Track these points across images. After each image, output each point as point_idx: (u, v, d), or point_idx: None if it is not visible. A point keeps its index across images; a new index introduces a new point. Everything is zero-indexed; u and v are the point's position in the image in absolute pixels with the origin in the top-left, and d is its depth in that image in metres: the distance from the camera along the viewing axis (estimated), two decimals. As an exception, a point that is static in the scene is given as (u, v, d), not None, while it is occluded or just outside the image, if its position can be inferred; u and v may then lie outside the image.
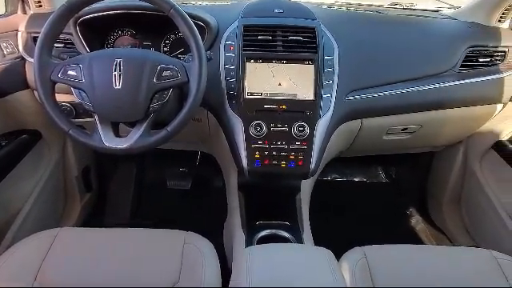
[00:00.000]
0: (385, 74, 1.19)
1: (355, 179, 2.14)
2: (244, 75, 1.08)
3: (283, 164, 1.07)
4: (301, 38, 1.12)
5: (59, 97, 0.99)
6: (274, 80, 1.09)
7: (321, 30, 1.15)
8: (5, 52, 1.20)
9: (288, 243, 1.13)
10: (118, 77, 0.91)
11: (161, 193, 1.96)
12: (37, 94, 1.08)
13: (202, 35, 1.09)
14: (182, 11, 0.94)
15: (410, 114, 1.26)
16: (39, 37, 0.93)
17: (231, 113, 1.09)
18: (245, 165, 1.08)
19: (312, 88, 1.08)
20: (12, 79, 1.22)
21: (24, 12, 1.32)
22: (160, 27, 1.19)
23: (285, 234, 1.17)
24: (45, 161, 1.48)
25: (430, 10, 1.52)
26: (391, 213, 1.92)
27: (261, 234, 1.17)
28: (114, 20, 1.18)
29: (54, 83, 0.94)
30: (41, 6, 1.27)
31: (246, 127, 1.07)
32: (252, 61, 1.09)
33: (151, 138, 0.95)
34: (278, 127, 1.07)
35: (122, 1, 1.15)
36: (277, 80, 1.09)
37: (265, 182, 1.24)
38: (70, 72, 0.93)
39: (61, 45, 1.19)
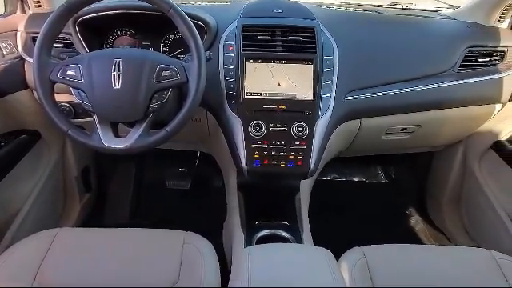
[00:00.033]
0: (384, 74, 1.20)
1: (354, 179, 2.14)
2: (243, 75, 1.08)
3: (282, 164, 1.07)
4: (300, 38, 1.12)
5: (58, 97, 0.99)
6: (274, 80, 1.09)
7: (320, 30, 1.15)
8: (4, 52, 1.20)
9: (287, 243, 1.13)
10: (118, 77, 0.91)
11: (160, 193, 1.95)
12: (36, 94, 1.08)
13: (202, 35, 1.09)
14: (182, 11, 0.94)
15: (409, 114, 1.26)
16: (38, 37, 0.93)
17: (230, 113, 1.09)
18: (244, 165, 1.08)
19: (311, 88, 1.08)
20: (11, 79, 1.22)
21: (23, 12, 1.32)
22: (159, 27, 1.19)
23: (284, 234, 1.17)
24: (44, 161, 1.48)
25: (429, 10, 1.52)
26: (390, 213, 1.91)
27: (260, 234, 1.17)
28: (113, 20, 1.18)
29: (53, 83, 0.94)
30: (40, 6, 1.27)
31: (246, 127, 1.07)
32: (251, 61, 1.09)
33: (150, 138, 0.95)
34: (278, 127, 1.07)
35: (121, 1, 1.15)
36: (276, 80, 1.09)
37: (264, 182, 1.24)
38: (70, 72, 0.93)
39: (60, 45, 1.19)
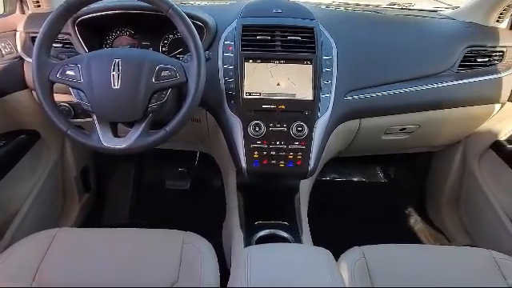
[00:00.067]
0: (383, 74, 1.20)
1: (354, 179, 2.14)
2: (243, 75, 1.08)
3: (282, 164, 1.07)
4: (299, 38, 1.12)
5: (57, 97, 0.98)
6: (273, 80, 1.09)
7: (319, 30, 1.15)
8: (3, 52, 1.19)
9: (287, 243, 1.13)
10: (117, 77, 0.91)
11: (159, 193, 1.95)
12: (35, 94, 1.08)
13: (201, 35, 1.09)
14: (181, 11, 0.94)
15: (409, 114, 1.26)
16: (37, 37, 0.93)
17: (230, 113, 1.09)
18: (243, 165, 1.08)
19: (310, 88, 1.08)
20: (10, 79, 1.22)
21: (22, 12, 1.31)
22: (159, 27, 1.19)
23: (283, 234, 1.17)
24: (43, 161, 1.48)
25: (428, 10, 1.52)
26: (390, 213, 1.92)
27: (259, 234, 1.17)
28: (113, 20, 1.18)
29: (53, 83, 0.94)
30: (39, 6, 1.27)
31: (245, 127, 1.07)
32: (251, 61, 1.09)
33: (150, 138, 0.95)
34: (277, 127, 1.07)
35: (121, 1, 1.15)
36: (275, 80, 1.09)
37: (263, 182, 1.24)
38: (69, 72, 0.93)
39: (59, 45, 1.19)
